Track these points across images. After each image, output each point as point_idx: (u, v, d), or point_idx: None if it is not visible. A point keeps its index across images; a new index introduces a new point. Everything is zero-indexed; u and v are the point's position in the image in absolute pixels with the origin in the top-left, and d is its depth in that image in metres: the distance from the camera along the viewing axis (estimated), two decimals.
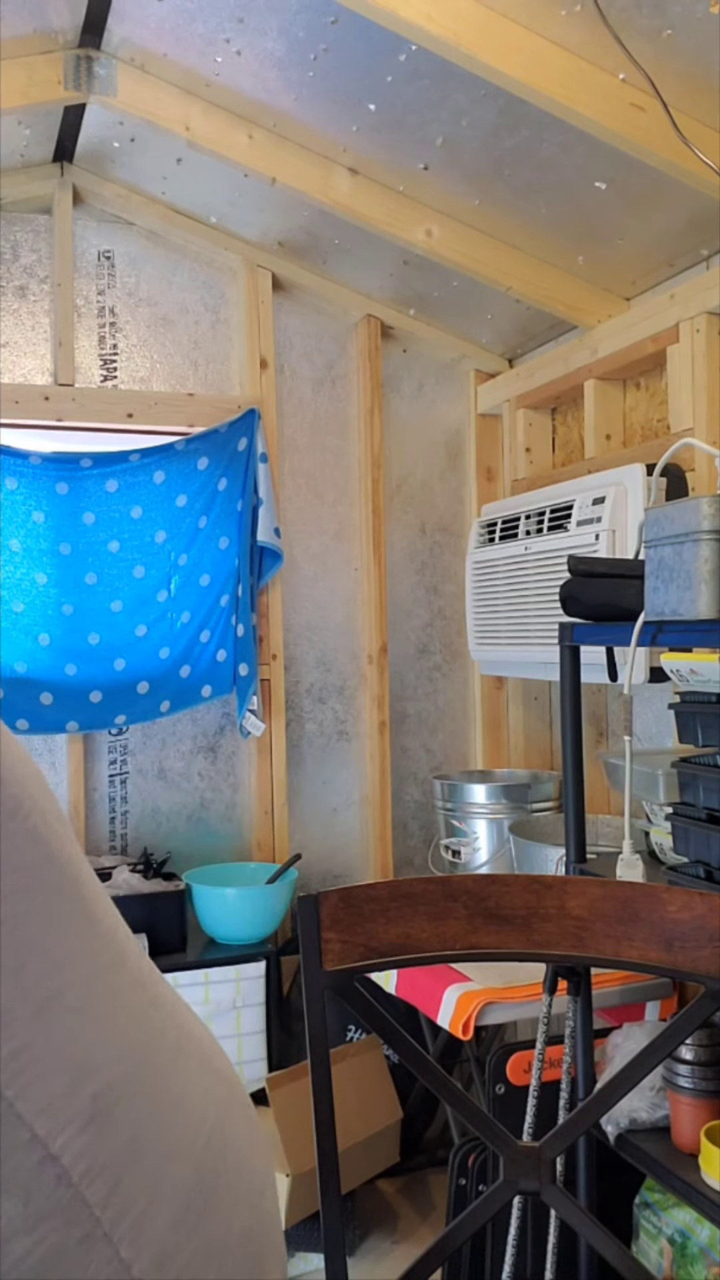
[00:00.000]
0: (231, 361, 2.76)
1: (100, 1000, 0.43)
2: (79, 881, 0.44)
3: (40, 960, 0.40)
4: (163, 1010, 0.48)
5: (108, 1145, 0.41)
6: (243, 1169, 0.49)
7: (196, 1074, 0.48)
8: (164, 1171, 0.43)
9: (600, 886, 1.09)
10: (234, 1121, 0.50)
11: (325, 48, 1.85)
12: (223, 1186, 0.47)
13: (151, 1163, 0.43)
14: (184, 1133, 0.45)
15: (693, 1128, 1.56)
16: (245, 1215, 0.48)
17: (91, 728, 2.51)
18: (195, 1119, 0.46)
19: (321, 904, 1.08)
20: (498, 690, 2.96)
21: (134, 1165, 0.42)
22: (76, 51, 2.09)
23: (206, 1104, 0.48)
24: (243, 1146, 0.49)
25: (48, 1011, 0.40)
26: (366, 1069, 2.29)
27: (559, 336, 2.70)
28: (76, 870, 0.44)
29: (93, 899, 0.45)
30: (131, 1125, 0.42)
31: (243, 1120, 0.50)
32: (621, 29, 1.60)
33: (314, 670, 2.83)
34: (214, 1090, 0.49)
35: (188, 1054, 0.48)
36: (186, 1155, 0.45)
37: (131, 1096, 0.43)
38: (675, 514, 1.40)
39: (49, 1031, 0.40)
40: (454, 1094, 1.07)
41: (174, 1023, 0.48)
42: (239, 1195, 0.48)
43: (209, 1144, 0.47)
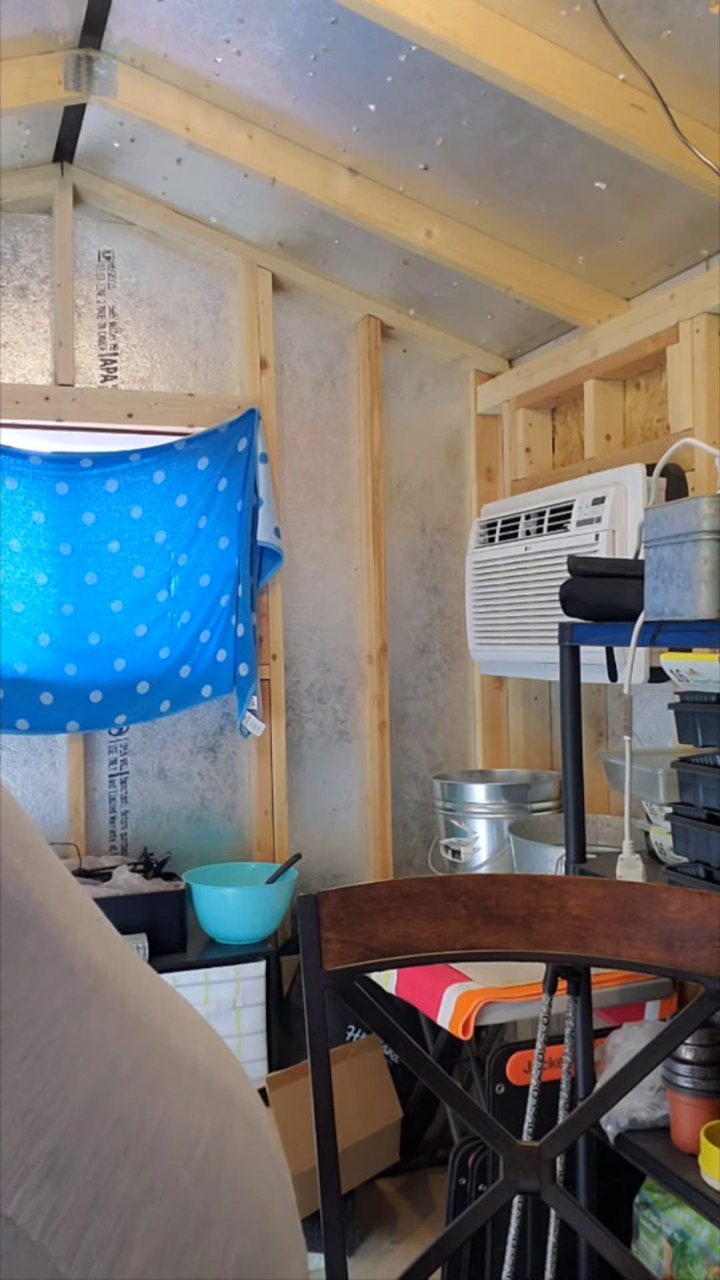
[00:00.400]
0: (231, 362, 2.76)
1: (59, 1043, 0.40)
2: (39, 917, 0.42)
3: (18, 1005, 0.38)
4: (146, 1034, 0.45)
5: (69, 1198, 0.38)
6: (240, 1190, 0.46)
7: (184, 1100, 0.45)
8: (138, 1214, 0.40)
9: (600, 886, 1.09)
10: (233, 1141, 0.47)
11: (325, 48, 1.85)
12: (215, 1216, 0.44)
13: (122, 1207, 0.40)
14: (162, 1171, 0.42)
15: (692, 1127, 1.56)
16: (243, 1242, 0.45)
17: (92, 728, 2.51)
18: (178, 1153, 0.44)
19: (321, 904, 1.09)
20: (498, 690, 2.96)
21: (101, 1213, 0.39)
22: (76, 52, 2.09)
23: (196, 1130, 0.45)
24: (243, 1166, 0.47)
25: (7, 1059, 0.37)
26: (366, 1069, 2.29)
27: (559, 336, 2.70)
28: (37, 904, 0.41)
29: (60, 930, 0.42)
30: (97, 1172, 0.40)
31: (245, 1138, 0.48)
32: (621, 29, 1.60)
33: (314, 670, 2.83)
34: (208, 1113, 0.46)
35: (173, 1081, 0.45)
36: (166, 1191, 0.42)
37: (95, 1143, 0.40)
38: (675, 514, 1.40)
39: (12, 1082, 0.38)
40: (454, 1094, 1.07)
41: (159, 1047, 0.45)
42: (236, 1222, 0.45)
43: (198, 1173, 0.44)
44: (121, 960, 0.46)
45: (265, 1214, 0.47)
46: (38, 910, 0.41)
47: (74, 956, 0.42)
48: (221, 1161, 0.45)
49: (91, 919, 0.45)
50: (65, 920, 0.43)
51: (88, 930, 0.44)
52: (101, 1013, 0.43)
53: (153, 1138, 0.42)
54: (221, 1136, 0.46)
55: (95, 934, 0.45)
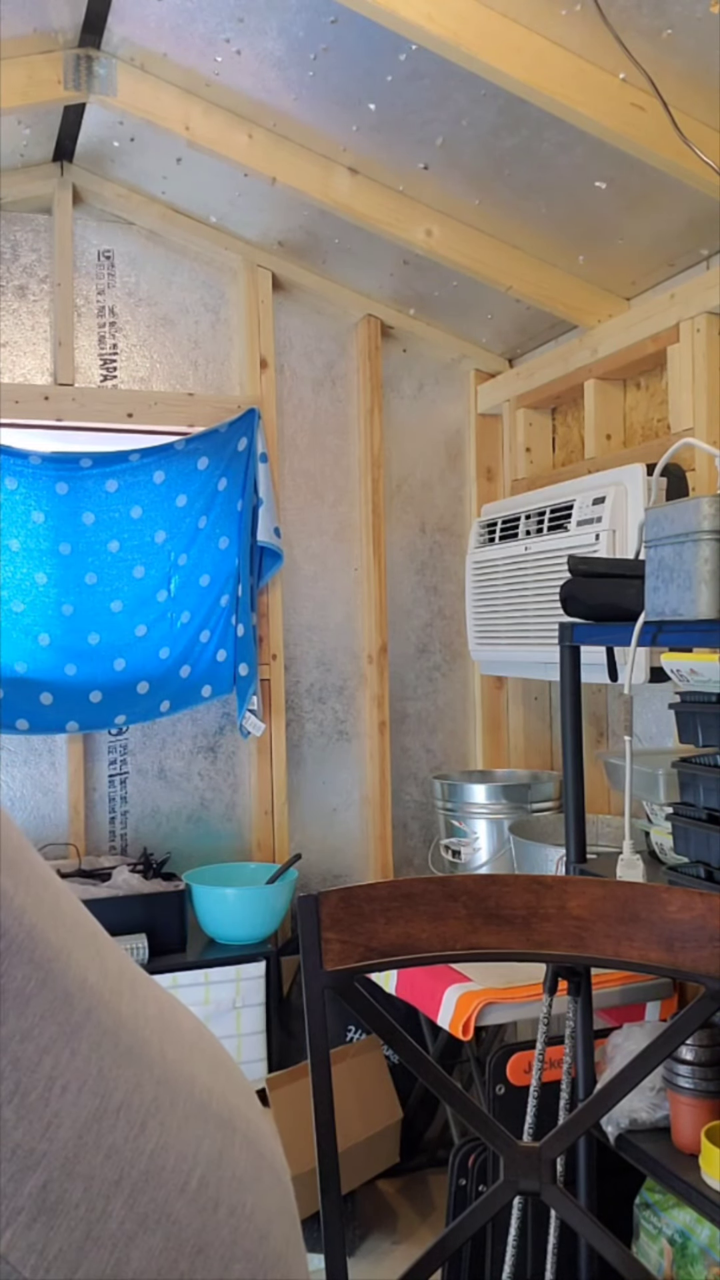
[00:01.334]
0: (231, 361, 2.76)
1: (42, 1082, 0.39)
2: (31, 942, 0.40)
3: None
4: (140, 1060, 0.44)
5: (60, 1235, 0.38)
6: (239, 1216, 0.45)
7: (179, 1129, 0.44)
8: (131, 1246, 0.40)
9: (600, 886, 1.09)
10: (232, 1164, 0.46)
11: (325, 47, 1.85)
12: (211, 1244, 0.43)
13: (114, 1242, 0.39)
14: (156, 1201, 0.42)
15: (693, 1128, 1.56)
16: (241, 1269, 0.44)
17: (91, 728, 2.51)
18: (173, 1182, 0.43)
19: (321, 904, 1.08)
20: (498, 690, 2.96)
21: (94, 1247, 0.39)
22: (76, 51, 2.08)
23: (192, 1161, 0.44)
24: (243, 1190, 0.46)
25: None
26: (366, 1069, 2.29)
27: (559, 336, 2.70)
28: (29, 928, 0.40)
29: (52, 954, 0.41)
30: (88, 1208, 0.39)
31: (246, 1160, 0.47)
32: (622, 29, 1.60)
33: (314, 670, 2.83)
34: (206, 1141, 0.45)
35: (169, 1107, 0.44)
36: (159, 1225, 0.41)
37: (87, 1178, 0.39)
38: (675, 514, 1.40)
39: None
40: (454, 1094, 1.07)
41: (152, 1075, 0.44)
42: (234, 1249, 0.44)
43: (193, 1204, 0.43)
44: (118, 977, 0.45)
45: (266, 1238, 0.47)
46: (30, 935, 0.40)
47: (67, 982, 0.41)
48: (219, 1187, 0.45)
49: (86, 935, 0.44)
50: (58, 943, 0.42)
51: (81, 950, 0.43)
52: (94, 1041, 0.42)
53: (146, 1167, 0.41)
54: (220, 1161, 0.45)
55: (89, 952, 0.44)
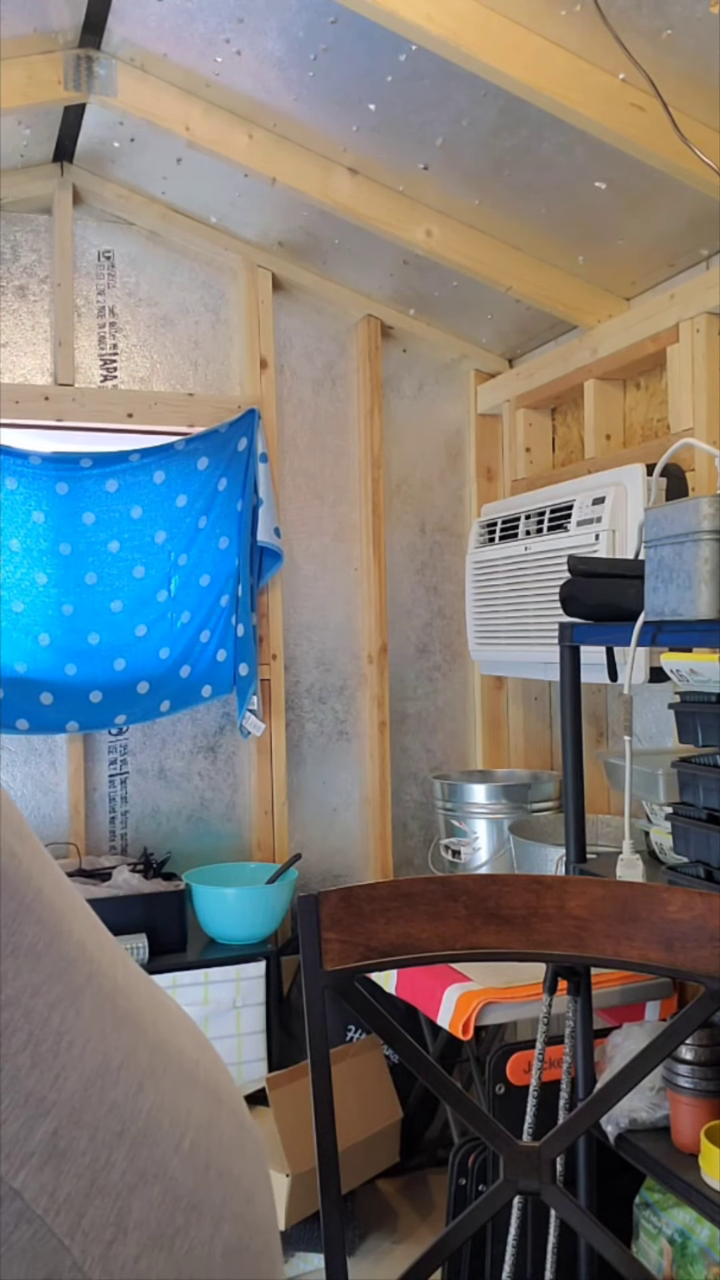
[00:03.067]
0: (231, 361, 2.76)
1: (51, 1035, 0.41)
2: (39, 903, 0.43)
3: (43, 1002, 0.39)
4: (136, 1026, 0.46)
5: (68, 1182, 0.40)
6: (227, 1180, 0.48)
7: (172, 1093, 0.47)
8: (131, 1199, 0.42)
9: (600, 886, 1.09)
10: (220, 1131, 0.49)
11: (325, 48, 1.85)
12: (204, 1203, 0.46)
13: (117, 1191, 0.42)
14: (155, 1157, 0.44)
15: (693, 1128, 1.56)
16: (230, 1229, 0.47)
17: (91, 728, 2.51)
18: (168, 1140, 0.45)
19: (321, 904, 1.08)
20: (498, 690, 2.96)
21: (98, 1196, 0.41)
22: (76, 51, 2.09)
23: (184, 1123, 0.47)
24: (230, 1156, 0.49)
25: (8, 1042, 0.39)
26: (366, 1069, 2.29)
27: (559, 336, 2.70)
28: (36, 890, 0.42)
29: (57, 917, 0.43)
30: (93, 1157, 0.41)
31: (231, 1128, 0.50)
32: (621, 29, 1.60)
33: (314, 670, 2.83)
34: (195, 1106, 0.48)
35: (162, 1072, 0.47)
36: (157, 1179, 0.44)
37: (92, 1128, 0.42)
38: (675, 514, 1.40)
39: (13, 1063, 0.39)
40: (454, 1094, 1.07)
41: (146, 1041, 0.47)
42: (223, 1209, 0.47)
43: (186, 1163, 0.46)
44: (112, 953, 0.47)
45: (252, 1202, 0.49)
46: (37, 896, 0.42)
47: (70, 945, 0.43)
48: (210, 1150, 0.47)
49: (82, 910, 0.46)
50: (61, 907, 0.43)
51: (79, 921, 0.45)
52: (96, 1003, 0.44)
53: (144, 1125, 0.44)
54: (209, 1127, 0.48)
55: (87, 925, 0.45)
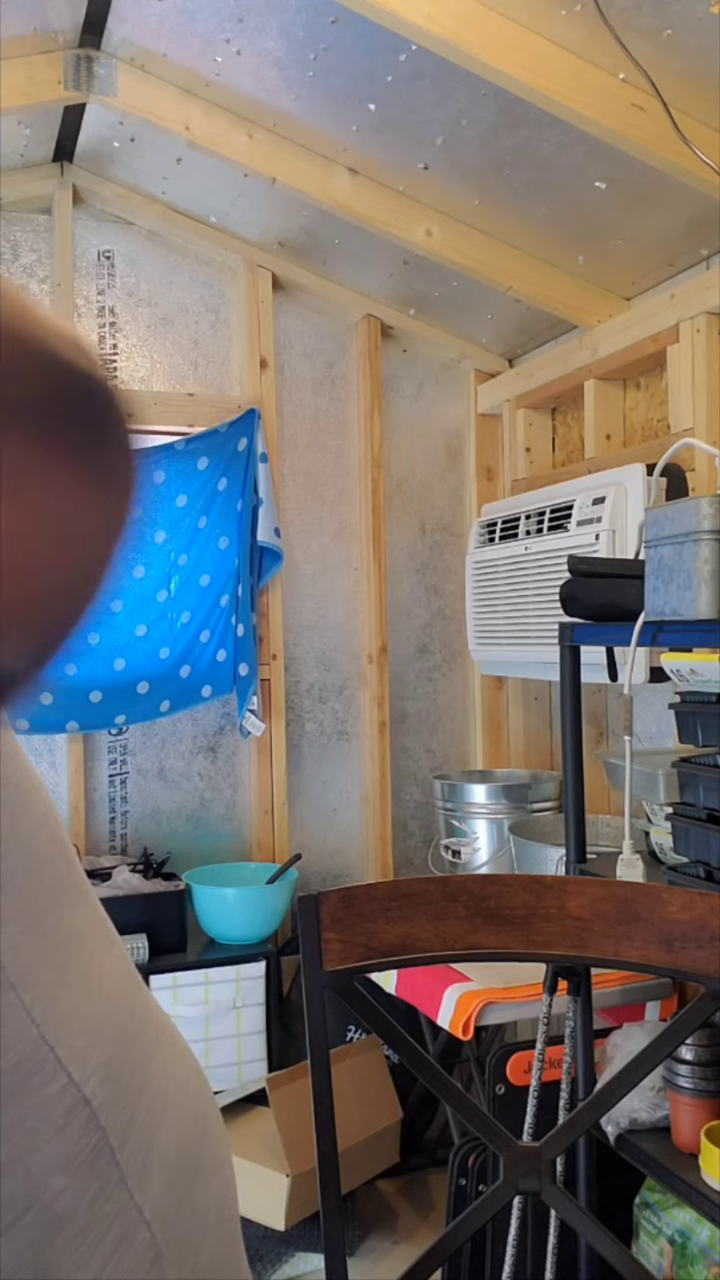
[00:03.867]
0: (231, 361, 2.76)
1: (97, 975, 0.46)
2: (77, 868, 0.47)
3: (58, 930, 0.44)
4: (145, 998, 0.51)
5: (119, 1103, 0.44)
6: (213, 1145, 0.53)
7: (173, 1063, 0.51)
8: (156, 1138, 0.46)
9: (600, 886, 1.09)
10: (205, 1104, 0.54)
11: (325, 47, 1.85)
12: (204, 1164, 0.50)
13: (147, 1128, 0.46)
14: (167, 1106, 0.49)
15: (693, 1128, 1.56)
16: (219, 1188, 0.52)
17: (91, 728, 2.51)
18: (175, 1096, 0.50)
19: (321, 904, 1.08)
20: (498, 690, 2.96)
21: (134, 1127, 0.45)
22: (76, 51, 2.08)
23: (184, 1085, 0.51)
24: (213, 1126, 0.53)
25: (66, 974, 0.43)
26: (366, 1069, 2.29)
27: (559, 336, 2.70)
28: (73, 857, 0.48)
29: (88, 887, 0.48)
30: (131, 1091, 0.46)
31: (210, 1104, 0.55)
32: (621, 29, 1.59)
33: (314, 670, 2.83)
34: (190, 1075, 0.53)
35: (164, 1043, 0.51)
36: (172, 1126, 0.48)
37: (130, 1064, 0.46)
38: (675, 514, 1.40)
39: (70, 993, 0.43)
40: (454, 1094, 1.07)
41: (153, 1013, 0.52)
42: (215, 1170, 0.52)
43: (192, 1119, 0.50)
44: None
45: (226, 1165, 0.54)
46: (75, 863, 0.47)
47: (98, 906, 0.49)
48: (202, 1119, 0.52)
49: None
50: (87, 880, 0.50)
51: (97, 897, 0.51)
52: (118, 958, 0.49)
53: (160, 1081, 0.49)
54: (199, 1098, 0.53)
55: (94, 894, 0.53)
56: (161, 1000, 2.25)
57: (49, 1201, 0.39)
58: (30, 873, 0.44)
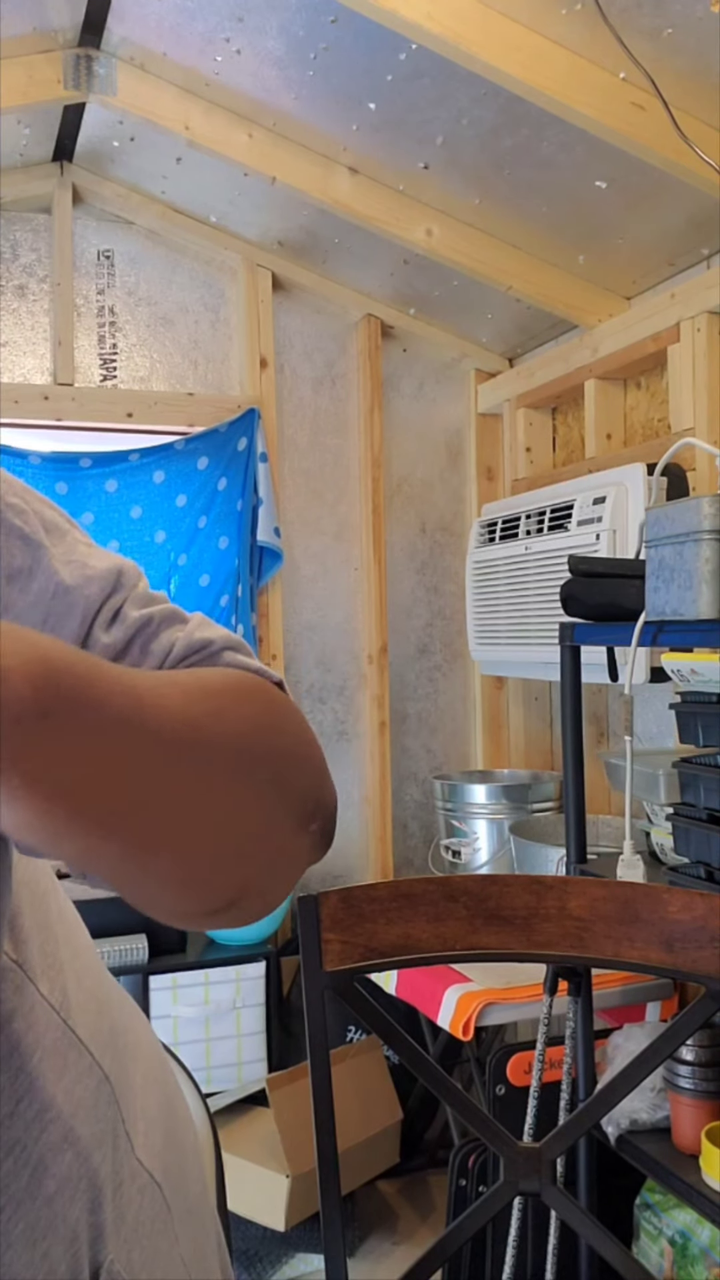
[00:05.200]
0: (231, 361, 2.75)
1: (86, 949, 0.50)
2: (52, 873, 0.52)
3: (57, 918, 0.47)
4: (106, 970, 0.56)
5: (124, 1072, 0.48)
6: (180, 1087, 0.59)
7: (138, 1016, 0.56)
8: (148, 1096, 0.51)
9: (601, 887, 1.09)
10: (167, 1061, 0.59)
11: (325, 46, 1.85)
12: (177, 1107, 0.56)
13: (140, 1089, 0.50)
14: (149, 1065, 0.53)
15: (693, 1128, 1.55)
16: (190, 1131, 0.58)
17: None
18: (150, 1054, 0.55)
19: (321, 904, 1.08)
20: (498, 690, 2.96)
21: (131, 1091, 0.49)
22: (76, 51, 2.08)
23: (151, 1042, 0.57)
24: (172, 1070, 0.59)
25: (66, 958, 0.46)
26: (366, 1069, 2.29)
27: (559, 336, 2.70)
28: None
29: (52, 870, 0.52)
30: (129, 1054, 0.50)
31: (163, 1049, 0.61)
32: (622, 28, 1.59)
33: (314, 670, 2.83)
34: (149, 1030, 0.58)
35: (129, 1005, 0.56)
36: (155, 1084, 0.53)
37: (122, 1035, 0.50)
38: (676, 514, 1.40)
39: (72, 975, 0.46)
40: (454, 1095, 1.06)
41: (117, 988, 0.56)
42: (185, 1115, 0.58)
43: (164, 1073, 0.56)
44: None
45: (188, 1113, 0.60)
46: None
47: (57, 880, 0.52)
48: (164, 1064, 0.58)
49: None
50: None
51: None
52: (85, 930, 0.53)
53: (137, 1039, 0.53)
54: (155, 1043, 0.57)
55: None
56: (161, 1001, 2.25)
57: (94, 1172, 0.42)
58: (32, 868, 0.46)
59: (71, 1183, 0.41)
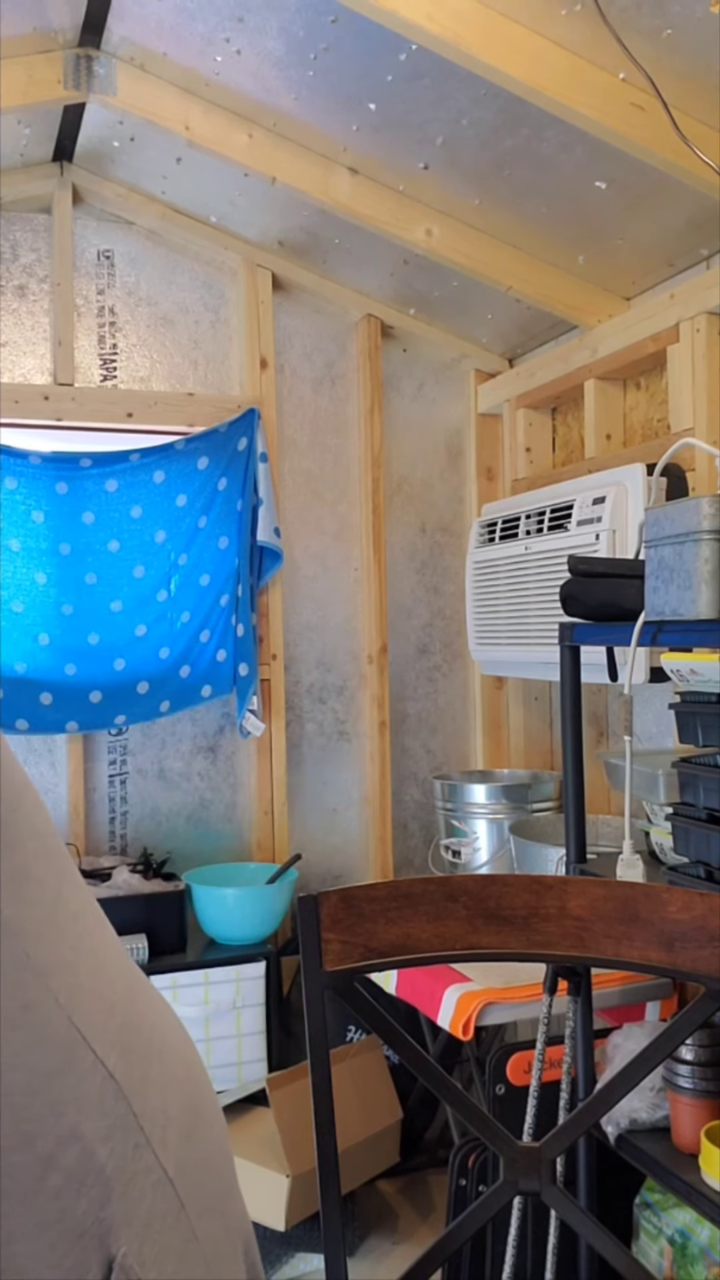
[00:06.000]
0: (231, 361, 2.76)
1: (102, 947, 0.50)
2: (60, 842, 0.50)
3: (66, 908, 0.47)
4: (127, 953, 0.55)
5: (135, 1070, 0.48)
6: (208, 1090, 0.57)
7: (162, 1011, 0.55)
8: (168, 1094, 0.50)
9: (601, 887, 1.09)
10: (191, 1049, 0.58)
11: (325, 47, 1.85)
12: (204, 1106, 0.55)
13: (159, 1087, 0.50)
14: (171, 1064, 0.53)
15: (693, 1128, 1.55)
16: (219, 1130, 0.56)
17: (91, 728, 2.51)
18: (176, 1053, 0.54)
19: (321, 904, 1.08)
20: (498, 690, 2.96)
21: (149, 1087, 0.48)
22: (76, 51, 2.08)
23: (178, 1041, 0.56)
24: (202, 1068, 0.58)
25: (80, 949, 0.46)
26: (366, 1069, 2.29)
27: (559, 336, 2.70)
28: (55, 828, 0.51)
29: (69, 859, 0.51)
30: (143, 1054, 0.49)
31: (194, 1051, 0.59)
32: (622, 28, 1.59)
33: (314, 670, 2.83)
34: (174, 1025, 0.57)
35: (154, 994, 0.55)
36: (177, 1082, 0.52)
37: (137, 1030, 0.50)
38: (675, 514, 1.40)
39: (84, 966, 0.46)
40: (454, 1094, 1.06)
41: (139, 975, 0.55)
42: (214, 1114, 0.56)
43: (189, 1073, 0.55)
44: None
45: (220, 1110, 0.58)
46: (59, 838, 0.50)
47: (88, 892, 0.52)
48: (193, 1065, 0.57)
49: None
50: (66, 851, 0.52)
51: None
52: (108, 929, 0.53)
53: (161, 1037, 0.52)
54: (186, 1044, 0.57)
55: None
56: None
57: (100, 1168, 0.43)
58: (42, 859, 0.47)
59: (78, 1177, 0.42)
